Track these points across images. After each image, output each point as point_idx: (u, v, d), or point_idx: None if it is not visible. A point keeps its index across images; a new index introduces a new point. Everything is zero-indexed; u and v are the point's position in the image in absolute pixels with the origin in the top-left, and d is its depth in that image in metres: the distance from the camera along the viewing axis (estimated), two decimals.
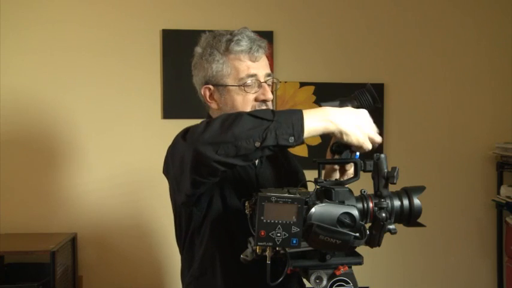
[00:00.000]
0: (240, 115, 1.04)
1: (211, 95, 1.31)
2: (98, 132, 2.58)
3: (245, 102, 1.26)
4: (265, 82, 1.28)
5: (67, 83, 2.55)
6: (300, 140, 1.02)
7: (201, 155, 1.03)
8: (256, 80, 1.27)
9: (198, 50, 1.32)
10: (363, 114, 1.09)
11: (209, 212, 1.27)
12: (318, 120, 1.04)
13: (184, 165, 1.10)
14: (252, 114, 1.04)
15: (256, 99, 1.27)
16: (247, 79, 1.26)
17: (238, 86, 1.26)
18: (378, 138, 1.10)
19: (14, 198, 2.52)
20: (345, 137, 1.05)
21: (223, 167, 1.05)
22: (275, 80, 1.33)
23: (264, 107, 1.27)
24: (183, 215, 1.31)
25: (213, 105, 1.32)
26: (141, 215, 2.60)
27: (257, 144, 1.00)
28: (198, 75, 1.32)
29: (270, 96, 1.28)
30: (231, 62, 1.26)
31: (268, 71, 1.30)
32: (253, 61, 1.27)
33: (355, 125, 1.06)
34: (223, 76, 1.27)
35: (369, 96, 1.14)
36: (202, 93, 1.32)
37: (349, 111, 1.08)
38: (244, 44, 1.26)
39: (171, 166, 1.21)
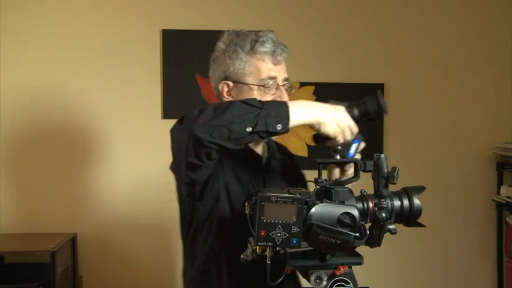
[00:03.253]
0: (233, 102, 1.11)
1: (228, 91, 1.34)
2: (97, 132, 2.57)
3: None
4: (283, 86, 1.33)
5: (67, 83, 2.55)
6: (285, 128, 1.08)
7: (196, 137, 1.06)
8: (276, 82, 1.31)
9: (221, 45, 1.34)
10: (340, 109, 1.15)
11: (215, 211, 1.27)
12: (301, 112, 1.11)
13: (181, 150, 1.13)
14: (244, 102, 1.09)
15: None
16: (268, 80, 1.30)
17: (258, 85, 1.29)
18: (349, 135, 1.15)
19: (14, 198, 2.52)
20: (322, 127, 1.12)
21: (217, 147, 1.08)
22: (292, 85, 1.37)
23: None
24: (186, 209, 1.32)
25: None
26: (141, 214, 2.60)
27: (249, 129, 1.05)
28: (218, 70, 1.35)
29: (286, 100, 1.30)
30: (254, 61, 1.30)
31: (286, 75, 1.35)
32: (275, 64, 1.31)
33: (332, 117, 1.13)
34: (244, 74, 1.30)
35: (375, 103, 1.18)
36: (220, 88, 1.34)
37: (327, 105, 1.15)
38: (269, 46, 1.29)
39: (173, 156, 1.24)
